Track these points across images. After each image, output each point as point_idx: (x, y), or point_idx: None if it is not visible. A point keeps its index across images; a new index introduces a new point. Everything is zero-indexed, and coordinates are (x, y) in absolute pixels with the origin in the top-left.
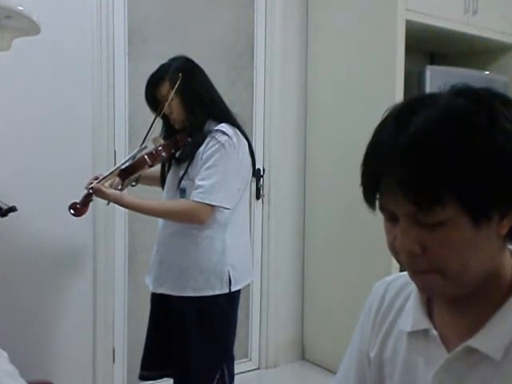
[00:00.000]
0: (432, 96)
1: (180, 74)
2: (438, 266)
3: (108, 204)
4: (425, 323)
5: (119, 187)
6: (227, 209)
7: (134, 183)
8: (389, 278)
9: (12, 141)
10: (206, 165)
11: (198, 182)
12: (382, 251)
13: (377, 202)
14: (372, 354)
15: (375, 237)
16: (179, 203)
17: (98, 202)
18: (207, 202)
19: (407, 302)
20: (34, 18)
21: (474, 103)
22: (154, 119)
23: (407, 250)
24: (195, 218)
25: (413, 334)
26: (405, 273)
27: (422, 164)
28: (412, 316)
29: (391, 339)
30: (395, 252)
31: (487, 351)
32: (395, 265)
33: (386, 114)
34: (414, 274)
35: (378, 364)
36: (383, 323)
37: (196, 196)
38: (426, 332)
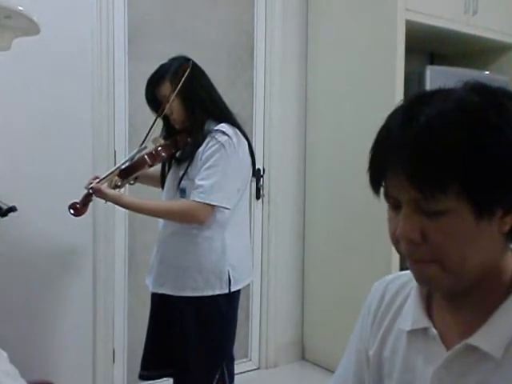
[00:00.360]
0: (445, 90)
1: (189, 64)
2: (437, 256)
3: (106, 203)
4: (424, 322)
5: (118, 184)
6: (227, 209)
7: (132, 182)
8: (388, 278)
9: (12, 141)
10: (206, 165)
11: (197, 182)
12: (381, 251)
13: (381, 192)
14: (371, 353)
15: (375, 237)
16: (179, 203)
17: (97, 202)
18: (207, 201)
19: (407, 300)
20: (34, 18)
21: (486, 99)
22: (155, 120)
23: (408, 237)
24: (195, 218)
25: (412, 333)
26: (404, 272)
27: (429, 152)
28: (411, 315)
29: (390, 338)
30: (396, 241)
31: (487, 349)
32: (395, 264)
33: (398, 104)
34: (413, 263)
35: (376, 363)
36: (382, 322)
37: (196, 196)
38: (425, 331)
